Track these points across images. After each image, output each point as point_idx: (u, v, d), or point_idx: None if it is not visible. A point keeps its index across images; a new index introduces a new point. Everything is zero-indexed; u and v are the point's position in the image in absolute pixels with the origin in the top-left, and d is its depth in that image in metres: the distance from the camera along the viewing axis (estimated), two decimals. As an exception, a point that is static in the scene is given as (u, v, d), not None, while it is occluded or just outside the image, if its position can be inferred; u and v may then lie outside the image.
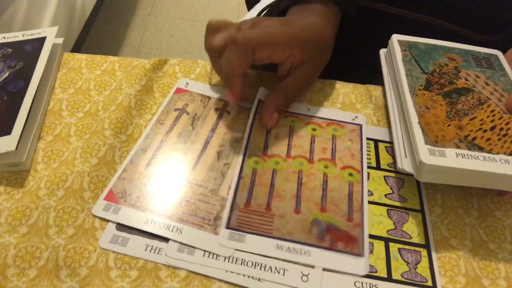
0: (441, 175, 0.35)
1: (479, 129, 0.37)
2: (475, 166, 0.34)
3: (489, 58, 0.44)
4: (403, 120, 0.40)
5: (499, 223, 0.37)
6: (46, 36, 0.47)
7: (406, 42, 0.45)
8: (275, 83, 0.45)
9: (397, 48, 0.44)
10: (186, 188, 0.38)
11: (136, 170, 0.39)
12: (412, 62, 0.43)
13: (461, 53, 0.45)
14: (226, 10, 1.81)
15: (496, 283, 0.34)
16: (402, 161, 0.37)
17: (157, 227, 0.35)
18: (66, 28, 1.30)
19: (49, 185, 0.37)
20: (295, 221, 0.36)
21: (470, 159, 0.34)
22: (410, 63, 0.43)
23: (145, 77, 0.46)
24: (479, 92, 0.41)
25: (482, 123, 0.38)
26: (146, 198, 0.37)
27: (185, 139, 0.41)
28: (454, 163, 0.34)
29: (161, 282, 0.32)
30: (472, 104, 0.39)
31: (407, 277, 0.33)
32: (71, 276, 0.32)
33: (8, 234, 0.34)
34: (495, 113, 0.39)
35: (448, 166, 0.34)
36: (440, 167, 0.34)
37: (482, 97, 0.40)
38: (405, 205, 0.38)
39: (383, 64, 0.46)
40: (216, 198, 0.37)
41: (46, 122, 0.42)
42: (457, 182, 0.36)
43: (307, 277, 0.33)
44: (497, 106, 0.39)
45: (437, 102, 0.39)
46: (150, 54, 1.60)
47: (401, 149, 0.38)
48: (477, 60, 0.44)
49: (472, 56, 0.44)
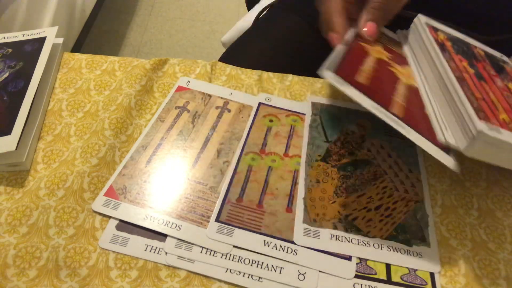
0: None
1: (364, 208, 0.37)
2: (344, 249, 0.34)
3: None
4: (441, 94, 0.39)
5: (499, 223, 0.37)
6: (46, 36, 0.47)
7: (319, 105, 0.45)
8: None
9: (422, 28, 0.42)
10: (185, 185, 0.38)
11: (137, 167, 0.39)
12: (318, 129, 0.43)
13: (373, 119, 0.43)
14: (226, 10, 1.81)
15: (496, 283, 0.34)
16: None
17: (156, 223, 0.35)
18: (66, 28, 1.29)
19: (49, 185, 0.37)
20: (286, 219, 0.36)
21: (344, 241, 0.35)
22: (316, 130, 0.43)
23: (145, 77, 0.46)
24: (377, 166, 0.40)
25: (368, 202, 0.37)
26: (145, 194, 0.37)
27: (186, 136, 0.42)
28: (328, 246, 0.34)
29: (161, 282, 0.32)
30: (366, 179, 0.39)
31: (407, 280, 0.33)
32: (71, 276, 0.32)
33: (8, 234, 0.34)
34: (386, 189, 0.38)
35: (322, 249, 0.34)
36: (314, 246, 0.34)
37: (378, 172, 0.40)
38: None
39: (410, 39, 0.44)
40: (215, 196, 0.37)
41: (46, 122, 0.42)
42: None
43: (304, 276, 0.33)
44: (392, 181, 0.39)
45: (330, 176, 0.39)
46: (150, 54, 1.60)
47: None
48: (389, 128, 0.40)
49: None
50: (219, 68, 0.49)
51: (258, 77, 0.48)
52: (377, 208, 0.37)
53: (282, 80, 0.48)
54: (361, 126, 0.43)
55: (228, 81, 0.47)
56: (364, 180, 0.39)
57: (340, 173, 0.40)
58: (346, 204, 0.37)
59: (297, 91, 0.47)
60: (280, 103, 0.46)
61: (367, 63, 0.37)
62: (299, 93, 0.47)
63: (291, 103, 0.46)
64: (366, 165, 0.40)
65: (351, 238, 0.35)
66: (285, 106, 0.45)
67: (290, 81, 0.48)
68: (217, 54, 0.61)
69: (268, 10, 0.64)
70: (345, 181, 0.39)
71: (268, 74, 0.48)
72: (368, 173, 0.40)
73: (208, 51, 1.63)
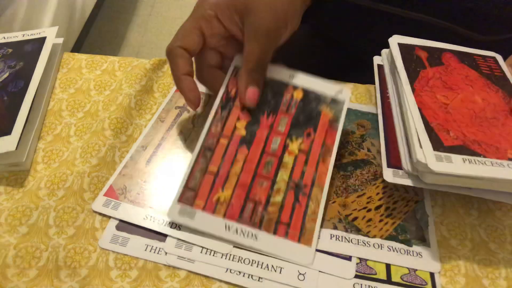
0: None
1: (364, 208, 0.37)
2: (344, 249, 0.34)
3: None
4: (401, 121, 0.40)
5: (499, 223, 0.37)
6: (46, 36, 0.47)
7: None
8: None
9: (397, 50, 0.42)
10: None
11: (137, 167, 0.39)
12: None
13: (373, 119, 0.43)
14: (226, 10, 1.82)
15: (496, 283, 0.34)
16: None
17: (156, 223, 0.35)
18: (66, 28, 1.30)
19: (49, 185, 0.37)
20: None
21: (344, 241, 0.35)
22: None
23: (145, 77, 0.46)
24: (377, 165, 0.40)
25: (368, 201, 0.37)
26: (146, 194, 0.37)
27: (186, 136, 0.42)
28: (328, 246, 0.34)
29: (161, 282, 0.32)
30: (366, 179, 0.39)
31: (407, 280, 0.33)
32: (71, 276, 0.32)
33: (8, 234, 0.34)
34: (386, 189, 0.38)
35: (322, 249, 0.34)
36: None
37: (378, 171, 0.40)
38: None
39: (385, 64, 0.45)
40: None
41: (46, 122, 0.42)
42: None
43: (304, 276, 0.33)
44: None
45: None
46: (150, 54, 1.60)
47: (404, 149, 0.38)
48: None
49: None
50: (219, 68, 0.49)
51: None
52: (377, 208, 0.37)
53: (282, 80, 0.48)
54: (361, 126, 0.43)
55: (228, 81, 0.47)
56: (364, 180, 0.39)
57: (340, 173, 0.39)
58: (346, 204, 0.37)
59: (297, 91, 0.47)
60: None
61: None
62: (299, 93, 0.47)
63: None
64: (366, 165, 0.40)
65: (351, 238, 0.35)
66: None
67: (290, 81, 0.48)
68: (217, 54, 0.61)
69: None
70: (345, 181, 0.39)
71: (268, 74, 0.48)
72: (368, 173, 0.40)
73: (208, 51, 1.62)
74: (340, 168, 0.40)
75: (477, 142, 0.33)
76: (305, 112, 0.39)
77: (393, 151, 0.36)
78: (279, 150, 0.37)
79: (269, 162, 0.36)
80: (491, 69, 0.41)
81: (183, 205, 0.34)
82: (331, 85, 0.40)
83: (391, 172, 0.35)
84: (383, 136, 0.38)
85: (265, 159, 0.36)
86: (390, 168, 0.35)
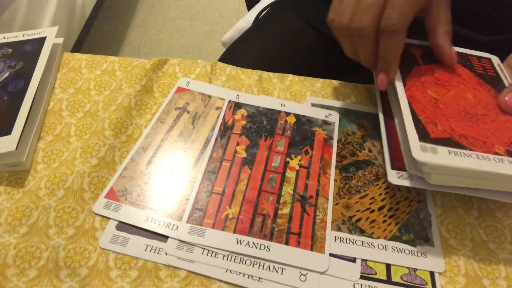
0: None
1: (367, 209, 0.37)
2: (349, 251, 0.34)
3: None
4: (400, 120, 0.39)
5: (499, 223, 0.37)
6: (46, 36, 0.47)
7: (319, 106, 0.45)
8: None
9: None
10: (186, 187, 0.38)
11: (137, 169, 0.39)
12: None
13: (373, 119, 0.43)
14: (226, 10, 1.81)
15: (496, 283, 0.34)
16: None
17: (157, 225, 0.35)
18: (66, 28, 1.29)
19: (49, 185, 0.37)
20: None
21: (348, 243, 0.35)
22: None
23: (145, 77, 0.46)
24: (379, 166, 0.40)
25: (371, 202, 0.37)
26: (146, 196, 0.37)
27: (186, 138, 0.42)
28: (332, 248, 0.34)
29: (161, 282, 0.32)
30: (368, 180, 0.39)
31: (407, 280, 0.33)
32: (71, 276, 0.32)
33: (8, 234, 0.34)
34: (388, 190, 0.38)
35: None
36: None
37: (380, 172, 0.40)
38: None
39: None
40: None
41: (46, 122, 0.42)
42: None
43: (305, 277, 0.33)
44: None
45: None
46: (150, 54, 1.60)
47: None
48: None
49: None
50: (219, 68, 0.49)
51: (258, 77, 0.48)
52: (380, 209, 0.37)
53: (282, 80, 0.48)
54: (362, 127, 0.43)
55: (228, 81, 0.47)
56: (366, 181, 0.39)
57: (342, 175, 0.39)
58: (350, 206, 0.37)
59: (297, 91, 0.47)
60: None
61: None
62: (299, 93, 0.47)
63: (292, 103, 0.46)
64: (368, 165, 0.40)
65: (355, 240, 0.35)
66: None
67: (290, 81, 0.48)
68: (217, 54, 0.61)
69: (268, 9, 0.64)
70: (347, 182, 0.39)
71: (268, 74, 0.48)
72: (370, 173, 0.40)
73: (208, 51, 1.63)
74: (342, 169, 0.40)
75: (464, 136, 0.33)
76: (300, 133, 0.42)
77: (396, 152, 0.36)
78: (280, 167, 0.39)
79: (272, 178, 0.38)
80: (485, 69, 0.41)
81: (193, 226, 0.35)
82: (320, 110, 0.44)
83: (396, 174, 0.35)
84: (385, 137, 0.38)
85: (268, 176, 0.38)
86: (394, 170, 0.35)
